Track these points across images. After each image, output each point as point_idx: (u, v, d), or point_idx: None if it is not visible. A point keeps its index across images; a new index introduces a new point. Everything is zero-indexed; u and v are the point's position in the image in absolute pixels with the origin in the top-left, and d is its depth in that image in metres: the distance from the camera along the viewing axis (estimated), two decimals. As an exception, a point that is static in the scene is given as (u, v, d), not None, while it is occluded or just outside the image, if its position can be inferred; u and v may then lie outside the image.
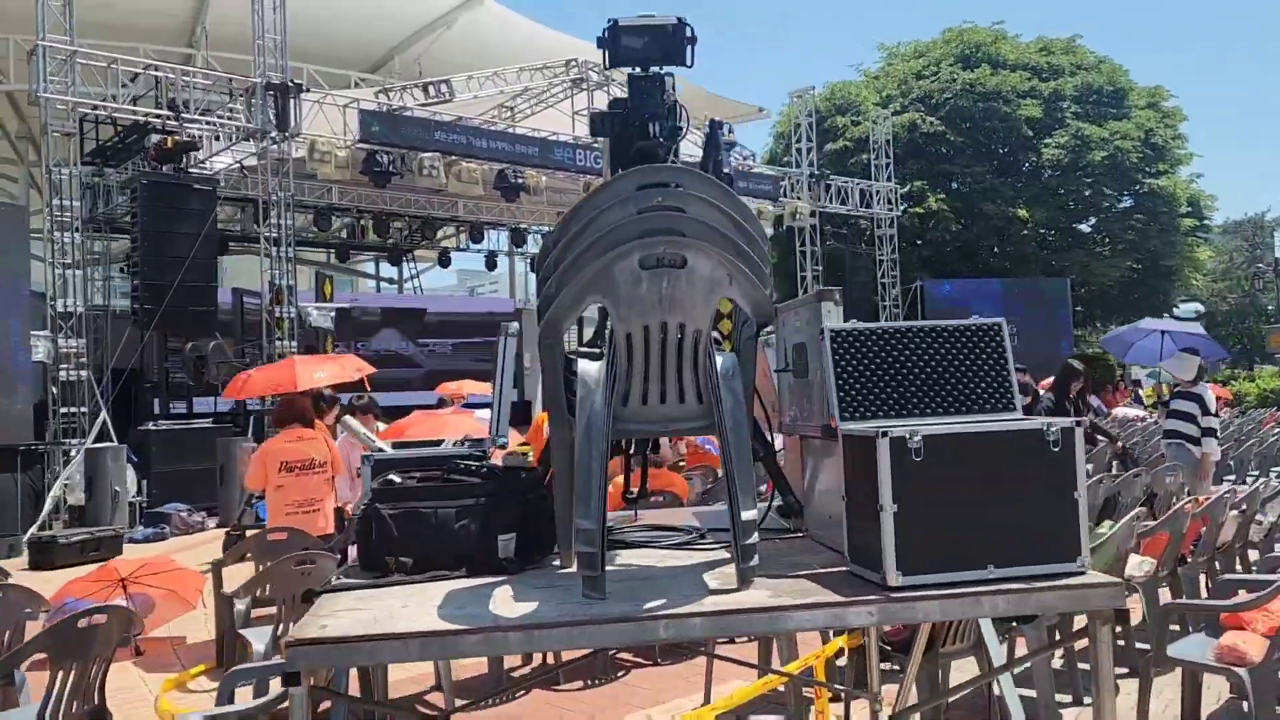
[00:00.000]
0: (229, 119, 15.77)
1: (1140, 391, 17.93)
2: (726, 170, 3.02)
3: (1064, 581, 2.29)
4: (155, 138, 14.97)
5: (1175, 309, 34.76)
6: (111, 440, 13.34)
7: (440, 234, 27.67)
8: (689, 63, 3.06)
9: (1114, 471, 7.36)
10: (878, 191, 25.59)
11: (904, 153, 27.67)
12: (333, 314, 16.16)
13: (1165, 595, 5.20)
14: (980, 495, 2.30)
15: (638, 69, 3.10)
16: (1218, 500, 5.51)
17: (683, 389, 2.37)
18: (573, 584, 2.39)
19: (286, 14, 15.65)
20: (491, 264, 29.29)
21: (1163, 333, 9.21)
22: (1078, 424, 2.41)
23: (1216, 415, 7.80)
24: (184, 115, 14.77)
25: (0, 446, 12.27)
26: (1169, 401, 8.07)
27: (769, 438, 3.20)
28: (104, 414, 12.79)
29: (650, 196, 2.24)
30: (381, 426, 6.74)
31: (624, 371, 2.33)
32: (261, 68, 15.40)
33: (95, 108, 15.14)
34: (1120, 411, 18.08)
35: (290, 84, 15.41)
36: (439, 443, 3.40)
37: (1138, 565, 5.12)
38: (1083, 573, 2.35)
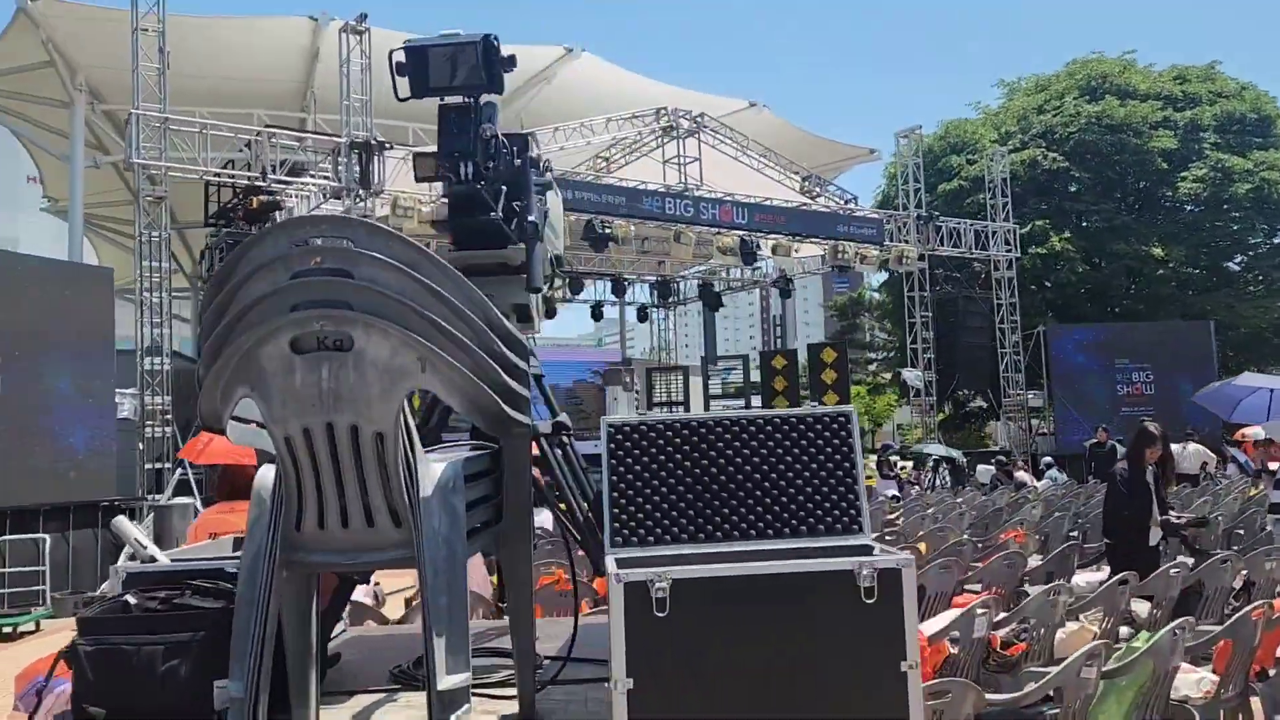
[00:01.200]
0: (321, 178, 16.05)
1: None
2: (532, 218, 2.45)
3: (875, 797, 1.60)
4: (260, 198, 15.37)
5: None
6: (194, 496, 13.49)
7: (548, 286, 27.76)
8: (500, 88, 2.53)
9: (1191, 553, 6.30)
10: (994, 232, 24.24)
11: (1024, 191, 26.26)
12: (415, 368, 16.09)
13: (1237, 720, 4.24)
14: (762, 665, 1.64)
15: (444, 98, 2.59)
16: (1308, 600, 4.51)
17: (370, 509, 1.80)
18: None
19: (372, 75, 15.86)
20: (597, 314, 29.21)
21: (1271, 390, 7.93)
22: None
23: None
24: (271, 176, 15.05)
25: (82, 503, 12.54)
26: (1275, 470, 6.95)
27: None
28: (180, 469, 12.95)
29: (308, 256, 1.71)
30: None
31: (293, 487, 1.78)
32: (347, 127, 15.61)
33: (198, 173, 15.65)
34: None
35: (373, 141, 15.57)
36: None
37: (1195, 684, 4.19)
38: (914, 780, 1.65)
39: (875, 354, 41.92)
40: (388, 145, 16.15)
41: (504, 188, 2.54)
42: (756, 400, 26.49)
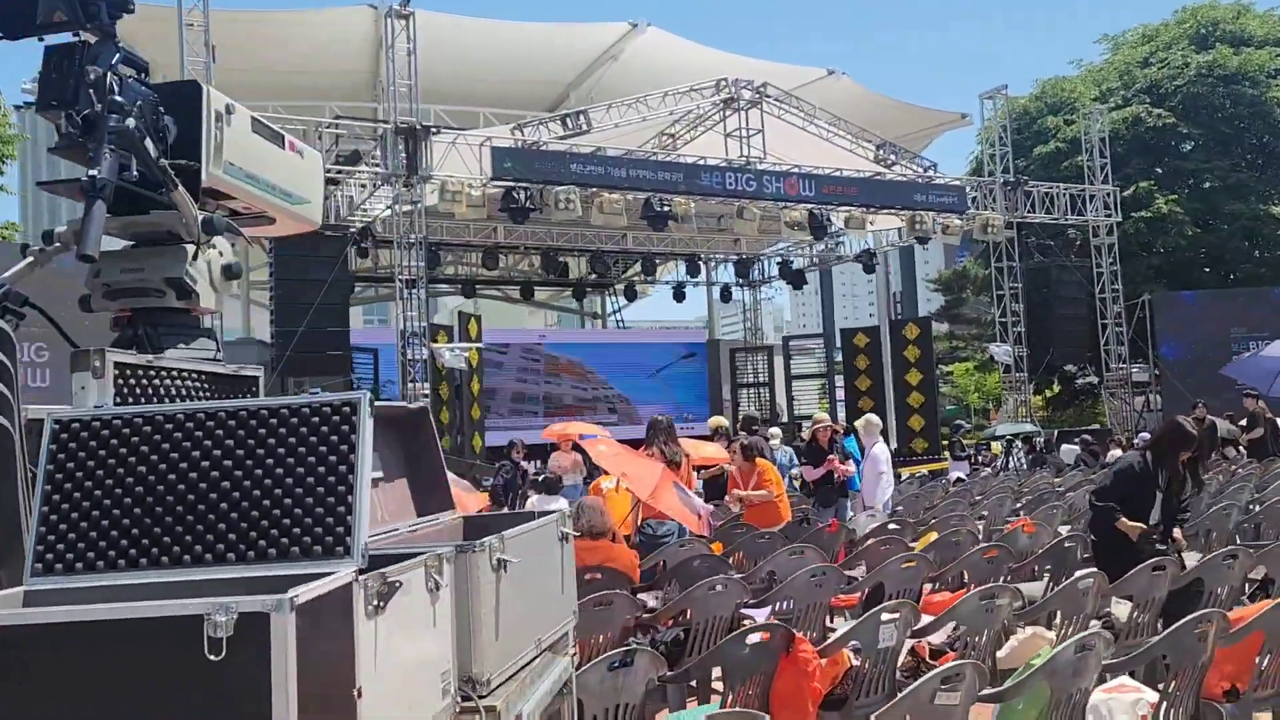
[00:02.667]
0: (374, 167, 16.10)
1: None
2: (94, 173, 2.01)
3: None
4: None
5: None
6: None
7: (631, 269, 27.51)
8: (96, 18, 2.14)
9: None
10: (1092, 196, 22.73)
11: (1127, 151, 24.58)
12: (466, 354, 15.99)
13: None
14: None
15: (44, 37, 2.22)
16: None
17: None
18: None
19: (416, 59, 15.77)
20: (679, 295, 28.82)
21: None
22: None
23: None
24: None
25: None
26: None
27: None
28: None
29: None
30: None
31: None
32: (394, 113, 15.57)
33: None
34: None
35: (418, 126, 15.48)
36: None
37: (1131, 707, 3.55)
38: None
39: (981, 329, 40.27)
40: (434, 130, 16.05)
41: (102, 139, 2.15)
42: (839, 380, 25.68)
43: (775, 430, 12.70)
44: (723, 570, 5.75)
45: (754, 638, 3.61)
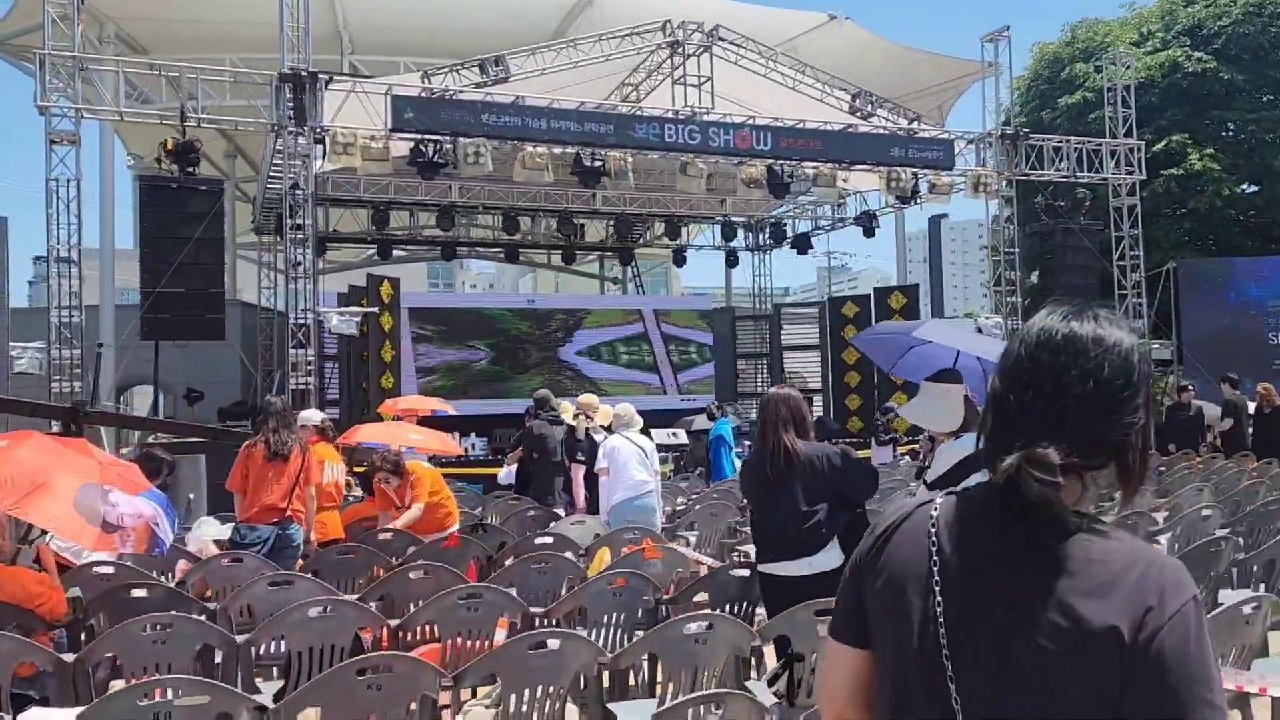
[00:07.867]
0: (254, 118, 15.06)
1: None
2: None
3: None
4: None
5: None
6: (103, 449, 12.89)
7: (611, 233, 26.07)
8: None
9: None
10: (1112, 151, 20.28)
11: (1161, 101, 21.94)
12: (359, 319, 14.87)
13: None
14: None
15: None
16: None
17: None
18: None
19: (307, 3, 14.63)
20: (679, 260, 27.34)
21: (959, 352, 4.75)
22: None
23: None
24: (194, 115, 14.17)
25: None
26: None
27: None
28: (55, 426, 12.32)
29: None
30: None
31: None
32: (283, 61, 14.49)
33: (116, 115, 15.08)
34: None
35: (305, 73, 14.35)
36: None
37: None
38: None
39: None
40: (326, 78, 14.87)
41: None
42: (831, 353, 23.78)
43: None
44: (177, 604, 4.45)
45: None
